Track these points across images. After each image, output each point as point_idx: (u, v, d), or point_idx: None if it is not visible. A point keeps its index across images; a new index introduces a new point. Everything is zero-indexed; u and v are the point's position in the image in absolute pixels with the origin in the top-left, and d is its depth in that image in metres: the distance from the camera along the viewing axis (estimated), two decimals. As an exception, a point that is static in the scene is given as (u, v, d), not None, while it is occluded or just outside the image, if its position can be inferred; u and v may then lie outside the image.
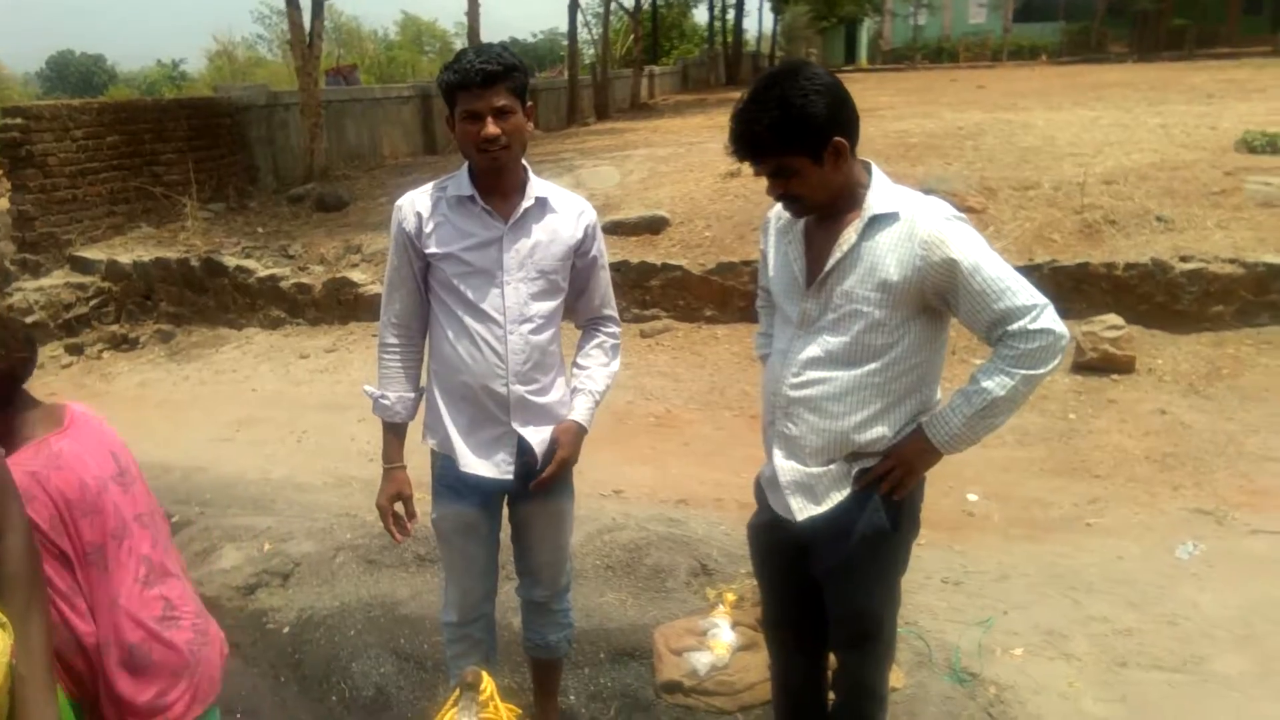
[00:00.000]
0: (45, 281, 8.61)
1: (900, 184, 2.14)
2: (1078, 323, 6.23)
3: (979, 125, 10.02)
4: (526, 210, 2.43)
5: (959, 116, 11.12)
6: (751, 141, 2.00)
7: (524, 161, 2.46)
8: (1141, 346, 6.09)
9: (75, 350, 8.03)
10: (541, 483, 2.52)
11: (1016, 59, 32.83)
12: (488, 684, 2.36)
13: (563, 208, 2.50)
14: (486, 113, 2.27)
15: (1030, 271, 6.43)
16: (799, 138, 1.95)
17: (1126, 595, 3.73)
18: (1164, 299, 6.33)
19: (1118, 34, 33.33)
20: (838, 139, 1.97)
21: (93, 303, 8.50)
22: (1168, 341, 6.24)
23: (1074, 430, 5.42)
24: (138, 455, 6.40)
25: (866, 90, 17.62)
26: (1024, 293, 1.97)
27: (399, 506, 2.62)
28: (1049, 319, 1.96)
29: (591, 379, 2.64)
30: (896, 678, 3.13)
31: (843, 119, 1.99)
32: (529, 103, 2.36)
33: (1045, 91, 14.24)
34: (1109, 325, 5.99)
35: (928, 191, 2.10)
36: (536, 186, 2.46)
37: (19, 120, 8.94)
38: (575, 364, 2.68)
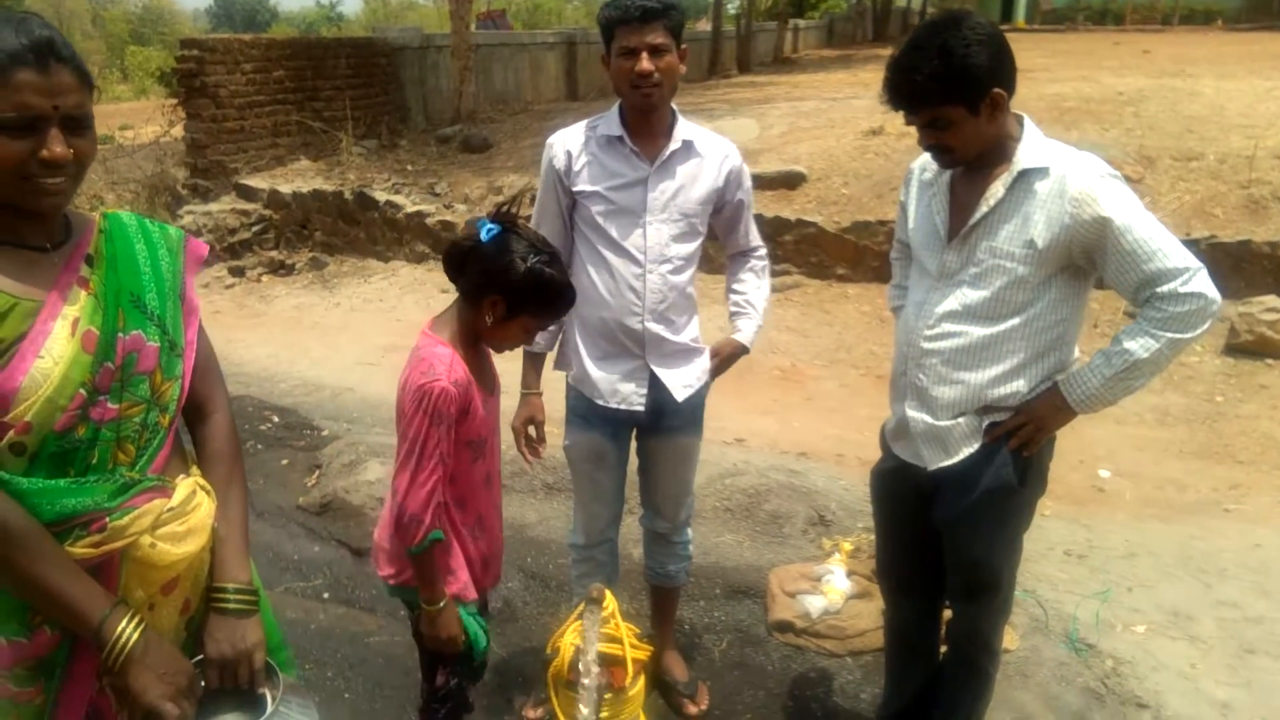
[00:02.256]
0: (213, 206, 9.20)
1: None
2: (1234, 303, 5.93)
3: (1141, 91, 9.49)
4: (673, 152, 2.51)
5: (1120, 81, 10.55)
6: (910, 91, 1.99)
7: (673, 104, 2.53)
8: (1303, 332, 5.76)
9: (238, 273, 8.57)
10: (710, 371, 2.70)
11: (1188, 24, 30.73)
12: (610, 602, 2.48)
13: (708, 152, 2.56)
14: (642, 49, 2.35)
15: (1187, 247, 6.13)
16: (959, 89, 1.94)
17: (1261, 583, 3.61)
18: (1333, 283, 5.95)
19: (1309, -1, 30.80)
20: (997, 90, 1.97)
21: (254, 229, 9.04)
22: (1333, 329, 5.87)
23: (1220, 413, 5.21)
24: (294, 373, 6.83)
25: (1021, 51, 16.80)
26: (1176, 254, 1.94)
27: (531, 430, 2.75)
28: (1201, 283, 1.94)
29: (750, 303, 2.76)
30: (1010, 640, 3.14)
31: (1003, 70, 1.98)
32: (682, 45, 2.43)
33: (1217, 59, 13.33)
34: (1268, 307, 5.68)
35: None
36: (684, 129, 2.53)
37: (195, 52, 9.51)
38: (731, 290, 2.79)
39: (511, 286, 1.98)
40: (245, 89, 9.87)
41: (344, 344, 6.85)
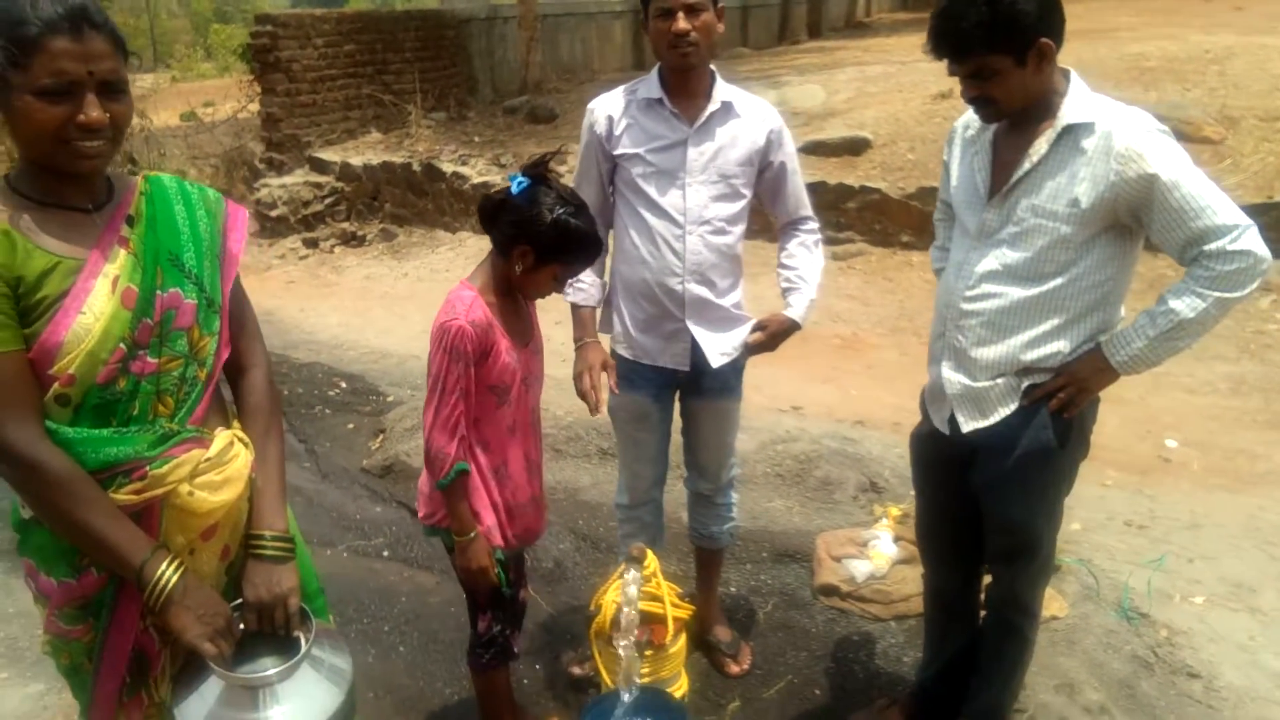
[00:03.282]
0: (288, 179, 9.44)
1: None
2: (1318, 268, 5.69)
3: (1229, 49, 9.06)
4: (712, 114, 2.52)
5: (1206, 39, 10.08)
6: (955, 39, 1.96)
7: (712, 66, 2.53)
8: (1391, 299, 5.51)
9: (311, 244, 8.80)
10: (750, 349, 2.70)
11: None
12: (651, 560, 2.53)
13: (747, 113, 2.56)
14: (678, 8, 2.36)
15: (1268, 210, 5.89)
16: (1006, 37, 1.91)
17: (1331, 557, 3.50)
18: None
19: None
20: (1044, 40, 1.93)
21: (327, 200, 9.26)
22: None
23: (1298, 382, 5.02)
24: (362, 342, 7.02)
25: (1105, 10, 16.22)
26: (1225, 211, 1.89)
27: (597, 373, 2.66)
28: (1250, 240, 1.88)
29: (801, 277, 2.71)
30: (1059, 607, 3.11)
31: (1051, 20, 1.94)
32: (719, 4, 2.43)
33: (1318, 12, 12.63)
34: (1355, 273, 5.43)
35: (1159, 119, 2.01)
36: (723, 90, 2.54)
37: (269, 28, 9.74)
38: (781, 264, 2.76)
39: (539, 236, 2.07)
40: (317, 63, 10.07)
41: (411, 312, 7.00)
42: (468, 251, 8.43)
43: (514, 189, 2.09)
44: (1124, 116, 1.97)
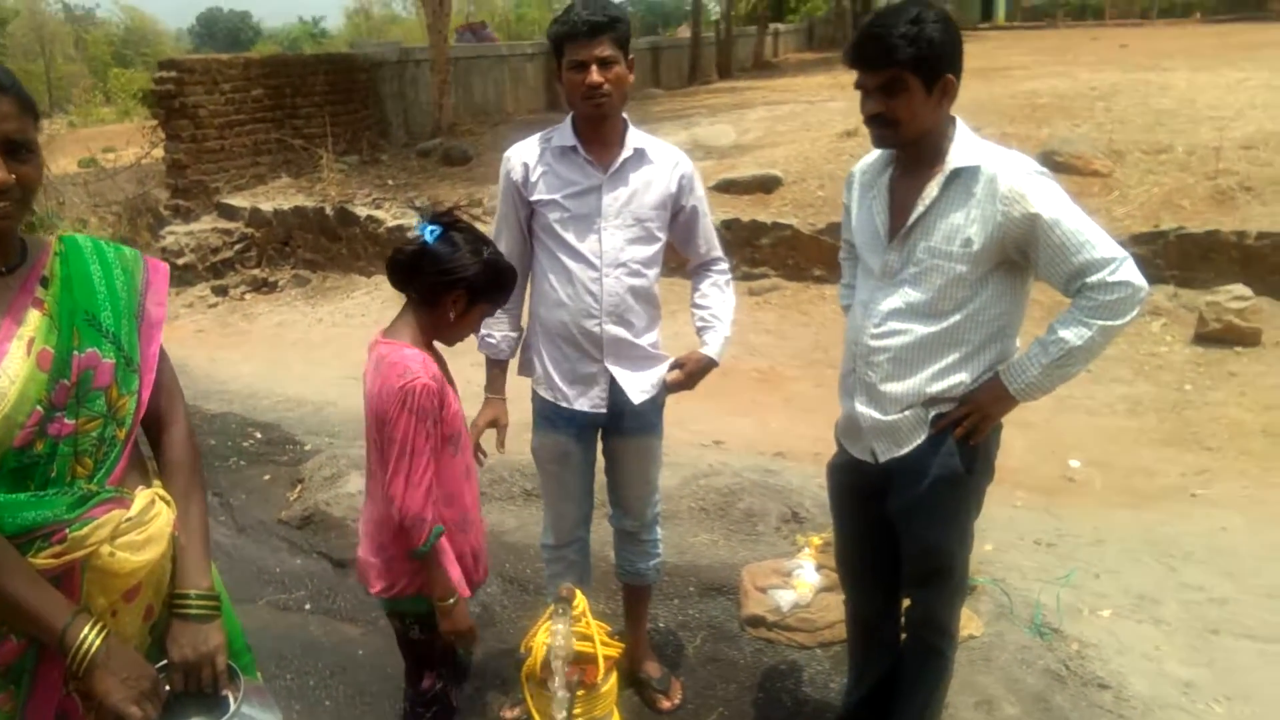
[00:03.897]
0: (195, 226, 9.25)
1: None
2: (1202, 292, 6.04)
3: (1114, 85, 9.62)
4: (625, 160, 2.59)
5: (1094, 76, 10.68)
6: (880, 44, 2.03)
7: (624, 115, 2.61)
8: (1269, 319, 5.86)
9: (220, 291, 8.63)
10: (669, 388, 2.77)
11: (1168, 17, 30.96)
12: (580, 600, 2.54)
13: (659, 159, 2.64)
14: (591, 62, 2.44)
15: (1155, 238, 6.25)
16: (925, 55, 2.01)
17: (1225, 566, 3.69)
18: (1299, 271, 6.05)
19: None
20: (950, 77, 2.06)
21: (237, 247, 9.10)
22: (1299, 315, 5.97)
23: (1188, 401, 5.30)
24: (276, 390, 6.87)
25: (1000, 49, 17.00)
26: (1103, 245, 2.02)
27: (491, 432, 2.80)
28: (1128, 271, 2.01)
29: (716, 316, 2.80)
30: (976, 626, 3.21)
31: (959, 62, 2.09)
32: (630, 55, 2.52)
33: (1193, 51, 13.48)
34: (1235, 296, 5.78)
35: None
36: (635, 138, 2.61)
37: (173, 73, 9.56)
38: (695, 305, 2.85)
39: (472, 279, 2.08)
40: (224, 108, 9.92)
41: (327, 359, 6.91)
42: (383, 296, 8.36)
43: (428, 238, 2.08)
44: (1007, 160, 2.10)
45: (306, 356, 7.06)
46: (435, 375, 2.07)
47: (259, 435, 5.45)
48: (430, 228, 2.09)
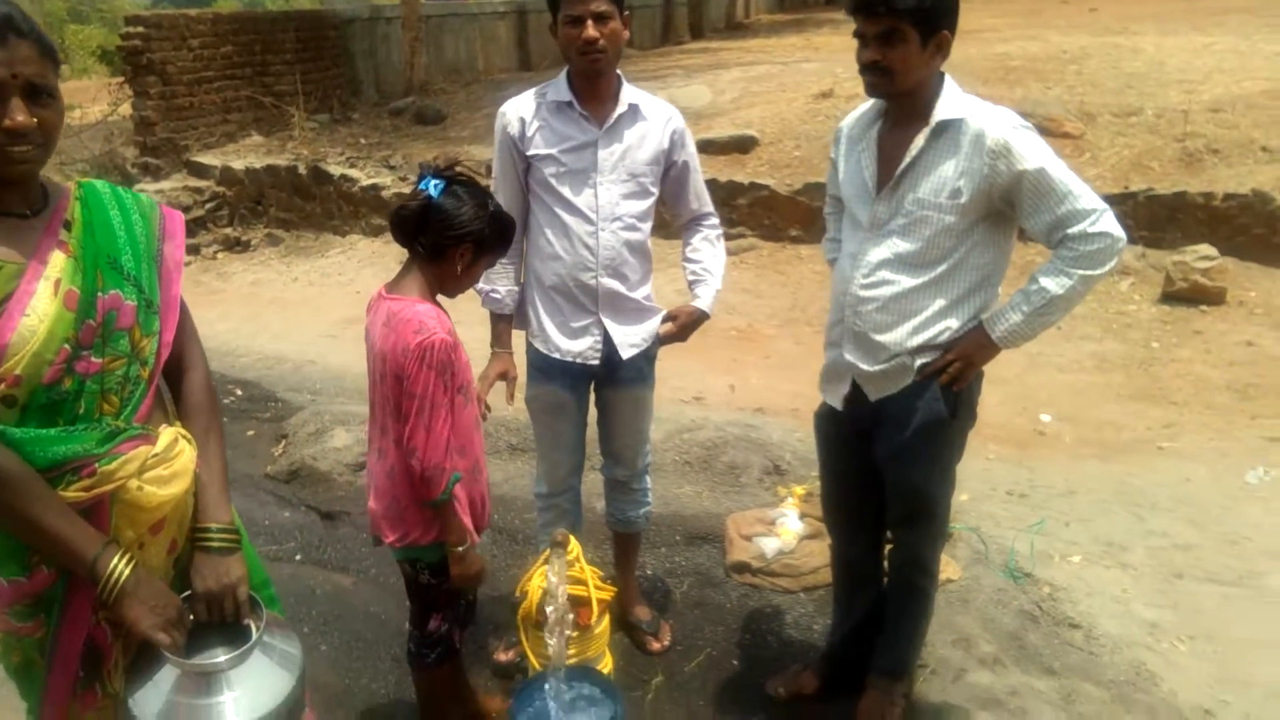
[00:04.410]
0: (165, 184, 9.13)
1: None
2: (1169, 252, 6.18)
3: (1084, 49, 9.69)
4: (620, 116, 2.63)
5: (1065, 40, 10.74)
6: None
7: (618, 71, 2.64)
8: (1234, 279, 6.01)
9: (193, 250, 8.52)
10: (662, 339, 2.83)
11: (1136, -20, 30.97)
12: (574, 546, 2.62)
13: (652, 115, 2.68)
14: (587, 17, 2.46)
15: (1124, 199, 6.37)
16: (924, 7, 2.06)
17: (1190, 514, 3.84)
18: (1263, 231, 6.19)
19: (1250, -45, 31.13)
20: (946, 32, 2.12)
21: (208, 206, 8.99)
22: (1263, 275, 6.13)
23: (1155, 358, 5.44)
24: (254, 348, 6.86)
25: (971, 11, 16.97)
26: (1085, 197, 2.10)
27: (499, 385, 2.85)
28: (1108, 223, 2.09)
29: (707, 270, 2.86)
30: (953, 570, 3.33)
31: (954, 19, 2.15)
32: (625, 11, 2.54)
33: (1161, 16, 13.55)
34: (1201, 255, 5.92)
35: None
36: (629, 94, 2.65)
37: (140, 29, 9.39)
38: (686, 259, 2.90)
39: (477, 232, 2.11)
40: (193, 65, 9.76)
41: (304, 318, 6.89)
42: (359, 255, 8.33)
43: (433, 193, 2.09)
44: (992, 114, 2.17)
45: (283, 315, 7.04)
46: (450, 329, 2.11)
47: (239, 392, 5.46)
48: (434, 182, 2.10)
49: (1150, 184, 6.58)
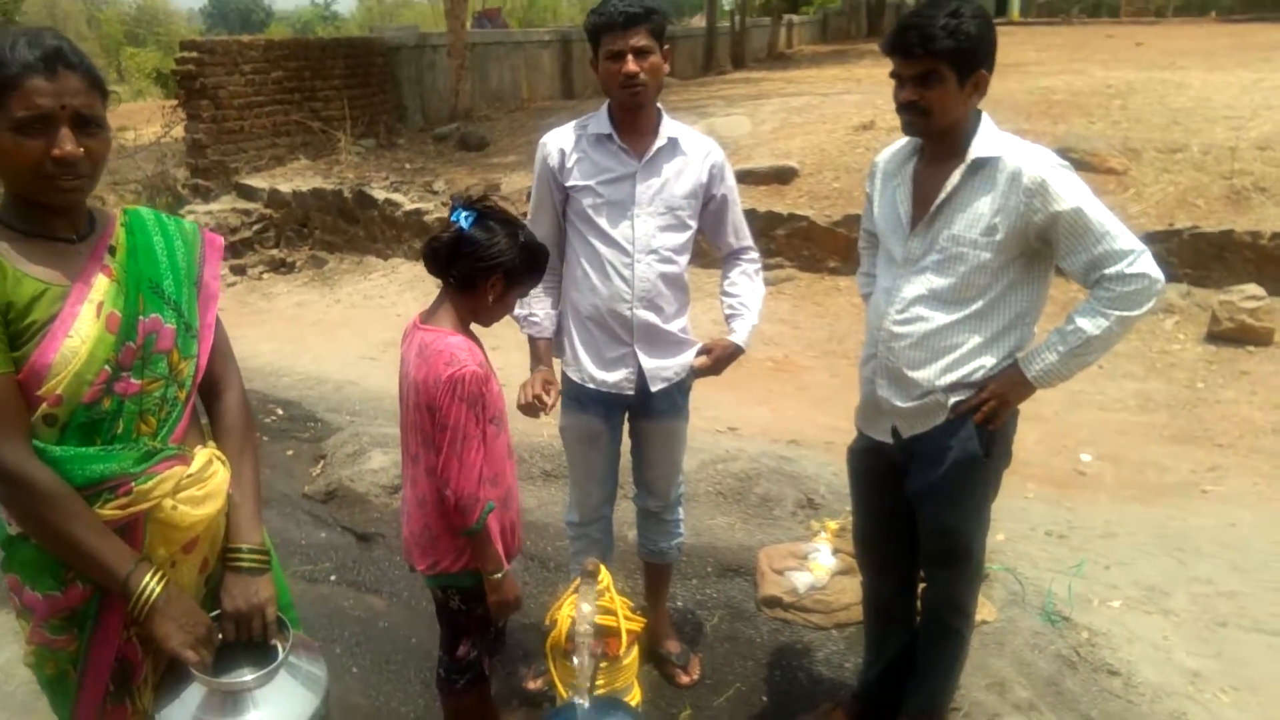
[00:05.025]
0: (214, 206, 9.32)
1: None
2: (1215, 291, 6.08)
3: (1130, 84, 9.62)
4: (659, 149, 2.65)
5: (1109, 74, 10.68)
6: (921, 34, 2.09)
7: (658, 104, 2.67)
8: (1283, 319, 5.90)
9: (239, 271, 8.70)
10: (696, 373, 2.81)
11: (1183, 15, 30.77)
12: (605, 575, 2.62)
13: (691, 149, 2.70)
14: (628, 52, 2.49)
15: (1169, 237, 6.29)
16: (962, 48, 2.07)
17: (1235, 560, 3.75)
18: (1312, 272, 6.08)
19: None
20: (984, 71, 2.13)
21: (255, 227, 9.17)
22: (1312, 316, 6.01)
23: (1200, 399, 5.35)
24: (296, 368, 6.96)
25: (1014, 45, 16.96)
26: (1123, 238, 2.08)
27: (545, 390, 2.74)
28: (1145, 263, 2.08)
29: (744, 304, 2.85)
30: (989, 612, 3.28)
31: (992, 58, 2.15)
32: (665, 45, 2.57)
33: (1208, 51, 13.46)
34: (1248, 295, 5.82)
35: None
36: (669, 127, 2.67)
37: (195, 54, 9.64)
38: (724, 292, 2.89)
39: (508, 263, 2.13)
40: (244, 89, 9.99)
41: (345, 339, 6.98)
42: (400, 278, 8.43)
43: (464, 225, 2.11)
44: (1029, 152, 2.17)
45: (325, 336, 7.14)
46: (481, 362, 2.13)
47: (280, 412, 5.54)
48: (465, 213, 2.12)
49: (1195, 222, 6.49)
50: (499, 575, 2.22)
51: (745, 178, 7.92)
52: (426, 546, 2.26)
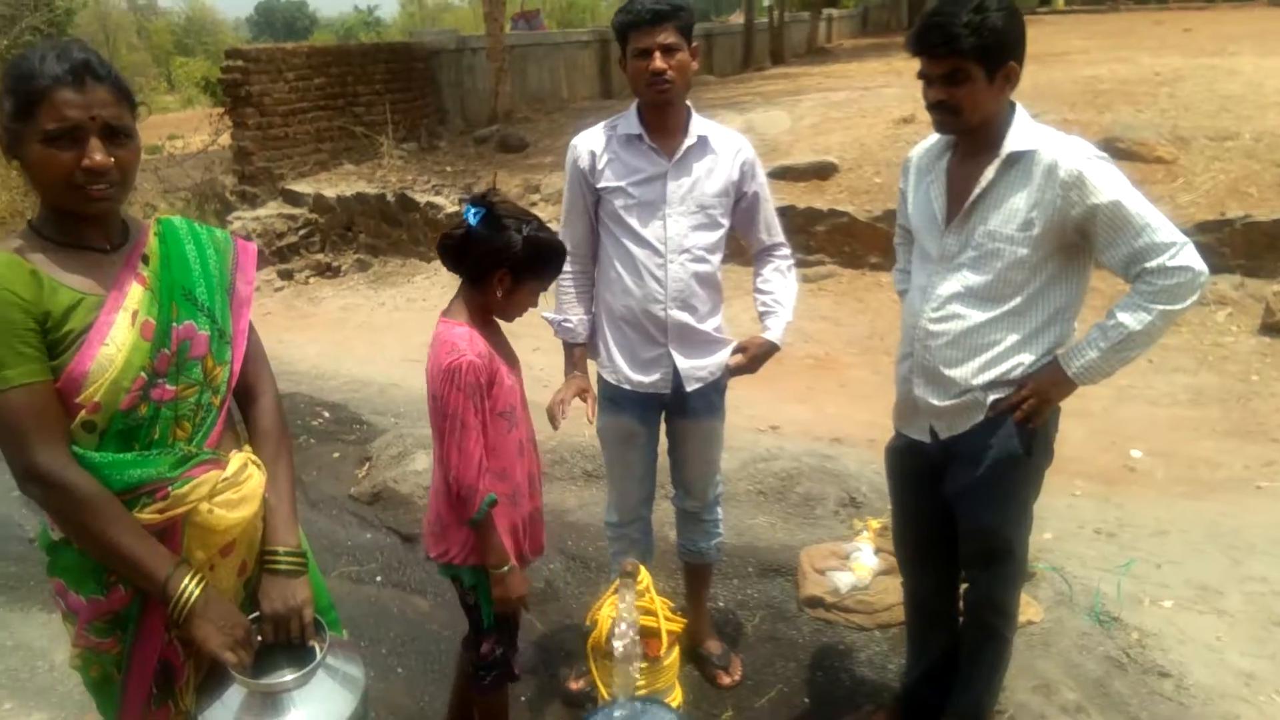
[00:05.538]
0: (261, 212, 9.48)
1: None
2: (1268, 282, 5.93)
3: (1178, 71, 9.40)
4: (689, 148, 2.64)
5: (1157, 61, 10.45)
6: (945, 33, 2.06)
7: (687, 102, 2.66)
8: (1341, 309, 5.73)
9: (286, 275, 8.84)
10: (731, 371, 2.81)
11: (1233, 0, 29.99)
12: (644, 576, 2.62)
13: (722, 146, 2.69)
14: (655, 49, 2.49)
15: (1220, 226, 6.15)
16: (988, 44, 2.04)
17: (1291, 558, 3.66)
18: (1371, 260, 5.91)
19: (1360, -31, 29.81)
20: (1013, 64, 2.09)
21: (301, 232, 9.31)
22: (1371, 306, 5.83)
23: (1254, 392, 5.22)
24: (342, 371, 7.04)
25: (1059, 33, 16.68)
26: (1164, 230, 2.03)
27: (578, 399, 2.79)
28: (1188, 256, 2.02)
29: (778, 301, 2.84)
30: (1035, 612, 3.23)
31: (1022, 48, 2.11)
32: (694, 43, 2.57)
33: (1260, 35, 13.11)
34: (1304, 285, 5.67)
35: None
36: (698, 125, 2.67)
37: (240, 62, 9.81)
38: (757, 289, 2.88)
39: (514, 257, 2.16)
40: (288, 97, 10.15)
41: (389, 342, 7.06)
42: (443, 280, 8.50)
43: (472, 221, 2.16)
44: (1066, 144, 2.12)
45: (370, 339, 7.23)
46: (481, 352, 2.16)
47: (327, 414, 5.62)
48: (474, 210, 2.17)
49: (1248, 210, 6.32)
50: (503, 570, 2.25)
51: (785, 174, 7.88)
52: (439, 535, 2.32)
